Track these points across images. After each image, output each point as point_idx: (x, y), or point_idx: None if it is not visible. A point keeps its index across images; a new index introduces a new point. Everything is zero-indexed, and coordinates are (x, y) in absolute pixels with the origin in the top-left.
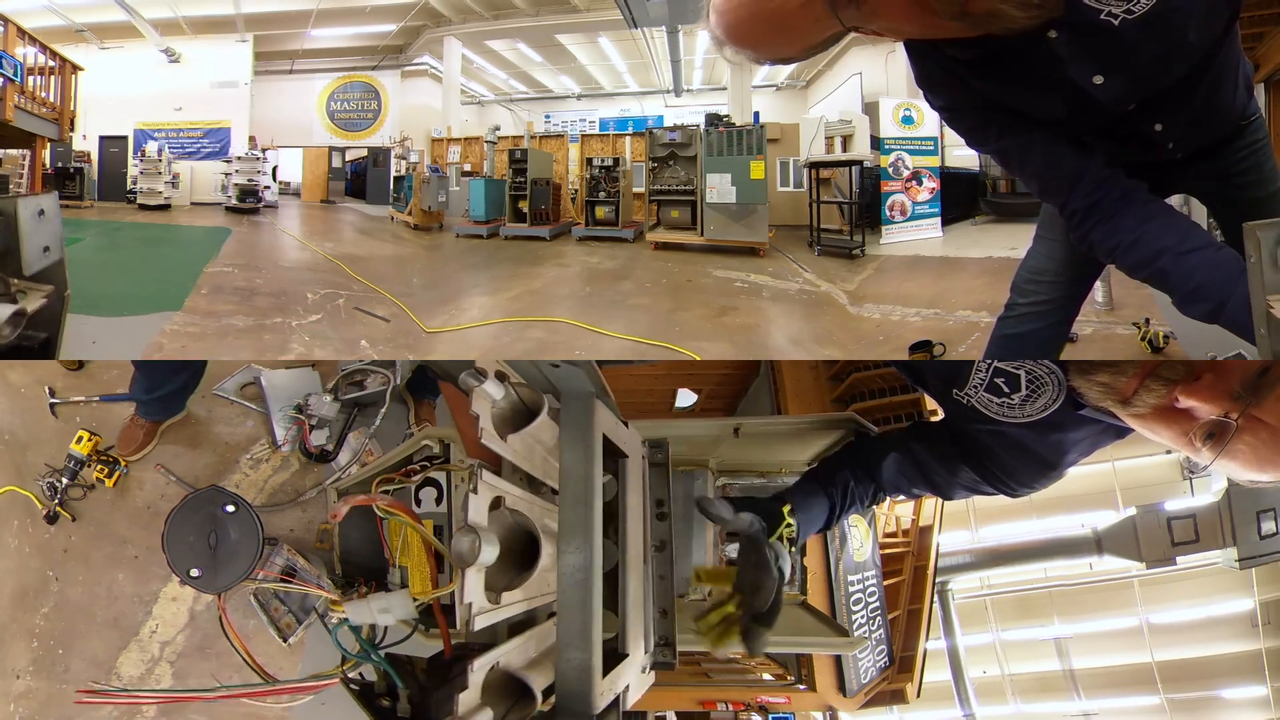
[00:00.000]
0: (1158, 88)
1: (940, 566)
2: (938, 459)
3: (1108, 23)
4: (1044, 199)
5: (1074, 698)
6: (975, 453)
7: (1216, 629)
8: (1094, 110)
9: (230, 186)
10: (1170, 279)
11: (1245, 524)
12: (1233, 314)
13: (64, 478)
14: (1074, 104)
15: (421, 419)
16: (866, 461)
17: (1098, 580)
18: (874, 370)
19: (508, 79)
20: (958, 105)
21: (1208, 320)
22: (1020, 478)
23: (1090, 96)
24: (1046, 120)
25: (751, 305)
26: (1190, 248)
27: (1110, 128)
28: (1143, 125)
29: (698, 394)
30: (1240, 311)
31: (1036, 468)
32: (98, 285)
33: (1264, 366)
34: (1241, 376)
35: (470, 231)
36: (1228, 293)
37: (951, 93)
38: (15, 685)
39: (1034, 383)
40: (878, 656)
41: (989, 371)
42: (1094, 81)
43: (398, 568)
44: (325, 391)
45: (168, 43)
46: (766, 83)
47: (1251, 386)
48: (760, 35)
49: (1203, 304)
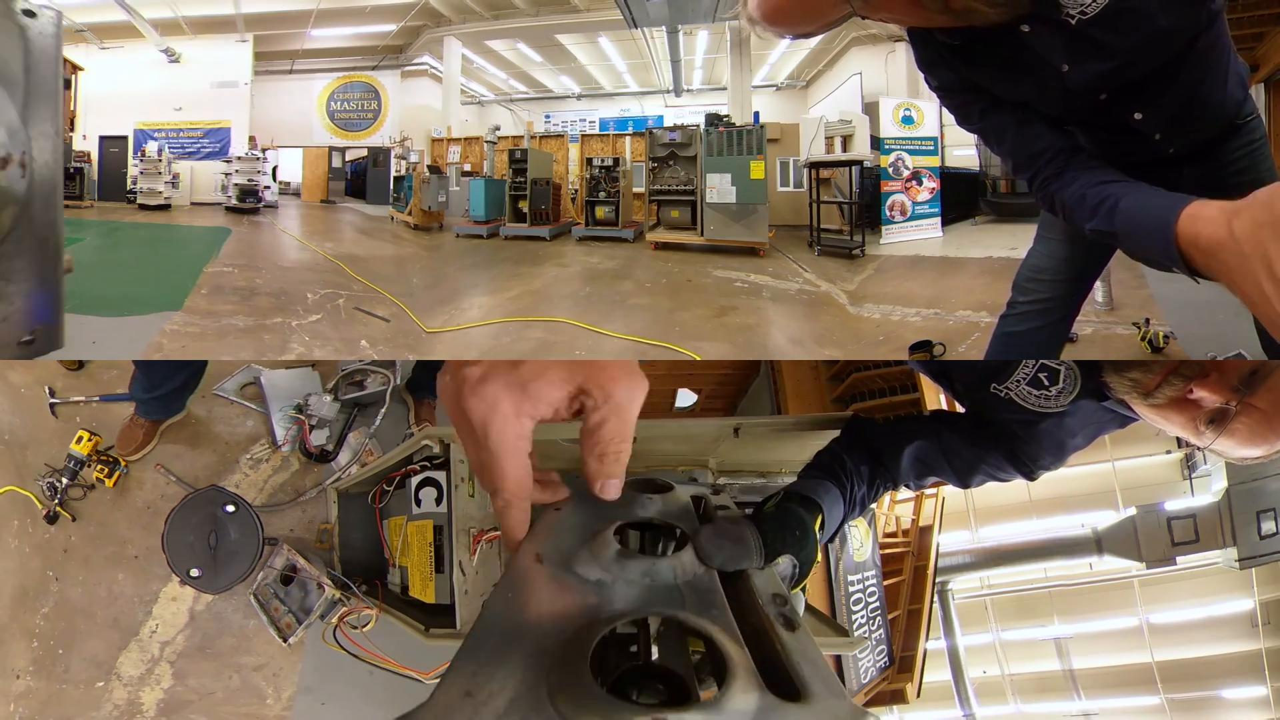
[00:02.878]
0: (1126, 78)
1: (940, 566)
2: (969, 444)
3: (1066, 21)
4: (1017, 174)
5: (1074, 698)
6: (1007, 439)
7: (1216, 629)
8: (1071, 97)
9: (230, 186)
10: (1086, 199)
11: (1245, 524)
12: (1125, 201)
13: (64, 478)
14: (1050, 90)
15: (421, 419)
16: (881, 450)
17: (1098, 580)
18: (874, 370)
19: (508, 79)
20: (949, 86)
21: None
22: (1043, 461)
23: (1064, 84)
24: (1025, 104)
25: (751, 305)
26: (1103, 183)
27: (1092, 117)
28: (1121, 114)
29: (698, 394)
30: (1128, 202)
31: (1056, 451)
32: (98, 285)
33: (1255, 367)
34: (1238, 374)
35: (470, 231)
36: (1122, 193)
37: (943, 74)
38: (15, 685)
39: (1068, 378)
40: (878, 656)
41: (1034, 368)
42: (1062, 69)
43: (398, 568)
44: (325, 391)
45: (168, 43)
46: (766, 83)
47: (1246, 381)
48: (791, 17)
49: (1102, 209)
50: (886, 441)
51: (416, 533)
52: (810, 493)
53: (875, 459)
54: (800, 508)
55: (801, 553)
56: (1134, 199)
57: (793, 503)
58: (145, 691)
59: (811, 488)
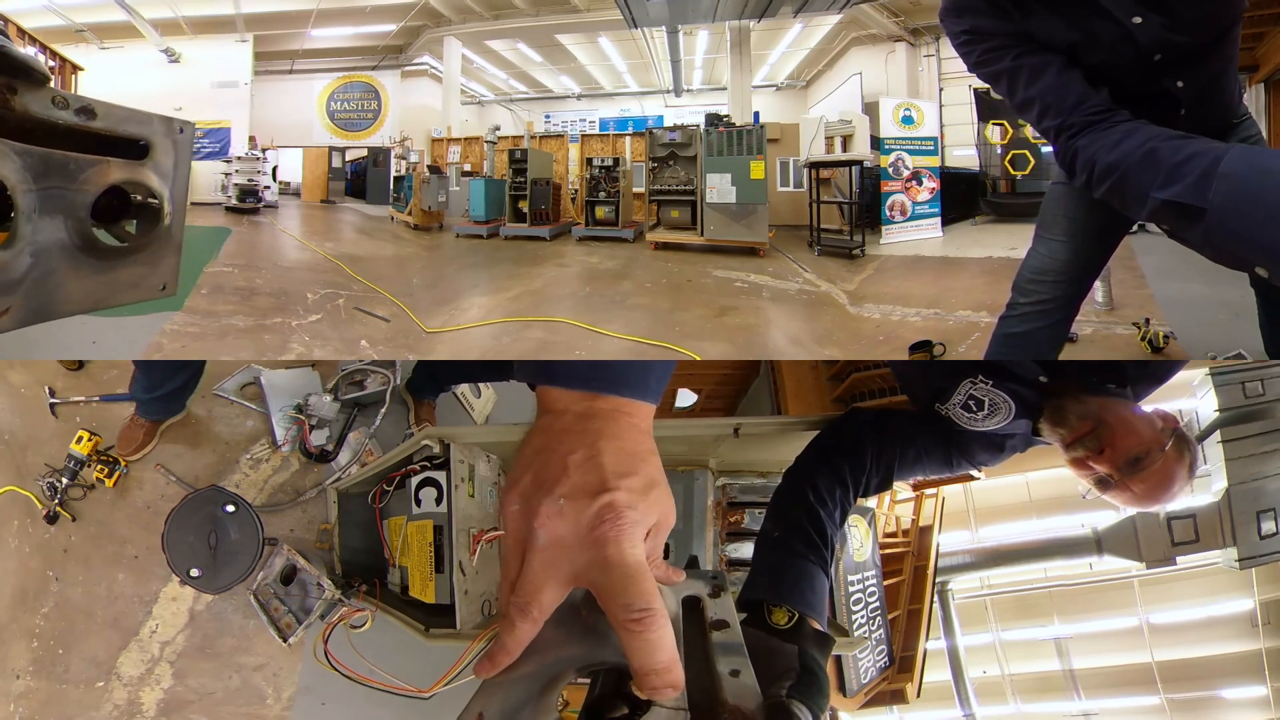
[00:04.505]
0: (1185, 42)
1: (940, 566)
2: (924, 442)
3: None
4: (1040, 120)
5: (1074, 698)
6: (960, 442)
7: (1216, 629)
8: (1124, 50)
9: (230, 186)
10: (1159, 155)
11: (1245, 524)
12: (1231, 163)
13: (64, 478)
14: (1101, 41)
15: (421, 419)
16: (846, 472)
17: (1098, 580)
18: (874, 370)
19: (508, 79)
20: (983, 30)
21: (1195, 191)
22: (982, 461)
23: (1123, 38)
24: (1064, 52)
25: (751, 305)
26: (1183, 138)
27: (1134, 77)
28: (1165, 80)
29: (698, 394)
30: (1238, 164)
31: (992, 453)
32: None
33: (1142, 453)
34: (1127, 457)
35: (470, 231)
36: (1222, 152)
37: (980, 18)
38: (15, 685)
39: (993, 408)
40: (878, 656)
41: (965, 395)
42: (1133, 21)
43: (398, 568)
44: (325, 391)
45: (168, 43)
46: (766, 83)
47: (1132, 464)
48: None
49: (1193, 171)
50: (851, 460)
51: (416, 533)
52: (816, 613)
53: (842, 482)
54: (817, 652)
55: (820, 700)
56: (1245, 159)
57: (810, 647)
58: (145, 691)
59: (811, 599)
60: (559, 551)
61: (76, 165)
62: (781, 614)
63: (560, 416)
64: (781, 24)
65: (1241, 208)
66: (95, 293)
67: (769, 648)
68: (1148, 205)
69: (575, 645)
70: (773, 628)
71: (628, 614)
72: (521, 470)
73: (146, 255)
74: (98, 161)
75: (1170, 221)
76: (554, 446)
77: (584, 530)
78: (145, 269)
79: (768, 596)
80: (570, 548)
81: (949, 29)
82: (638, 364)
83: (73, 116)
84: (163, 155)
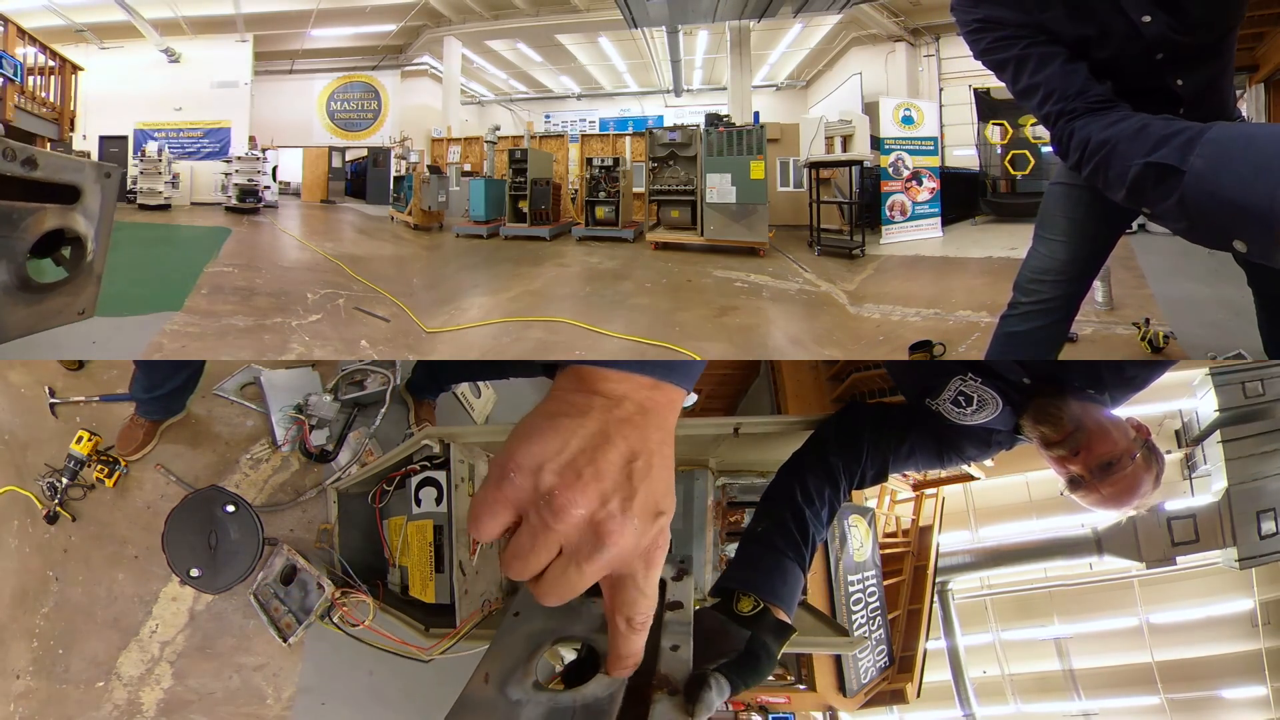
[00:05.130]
0: (1187, 44)
1: (940, 566)
2: (924, 440)
3: None
4: (1041, 105)
5: (1074, 698)
6: (950, 437)
7: (1216, 629)
8: (1131, 47)
9: (230, 186)
10: (1150, 128)
11: (1245, 524)
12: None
13: (64, 478)
14: (1112, 37)
15: (421, 419)
16: (838, 467)
17: (1098, 580)
18: (874, 370)
19: (508, 79)
20: (996, 18)
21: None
22: (971, 456)
23: (1130, 35)
24: (1073, 44)
25: (751, 305)
26: (1179, 120)
27: (1136, 74)
28: (1166, 77)
29: (698, 394)
30: (1223, 131)
31: (980, 449)
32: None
33: (1115, 459)
34: (1100, 461)
35: (470, 231)
36: (1211, 125)
37: (996, 8)
38: (15, 685)
39: (980, 403)
40: (878, 656)
41: (954, 390)
42: (1143, 19)
43: (398, 567)
44: (325, 391)
45: (168, 43)
46: (766, 83)
47: (1104, 468)
48: None
49: (1180, 138)
50: (846, 455)
51: (416, 532)
52: (783, 604)
53: (833, 480)
54: (771, 639)
55: (750, 678)
56: (1231, 128)
57: (765, 634)
58: (145, 691)
59: (781, 590)
60: (621, 562)
61: (19, 214)
62: (747, 602)
63: (620, 404)
64: (781, 24)
65: (1220, 167)
66: (27, 321)
67: (722, 630)
68: (1130, 174)
69: (556, 619)
70: (735, 614)
71: (632, 619)
72: (561, 443)
73: (70, 286)
74: (35, 209)
75: (1149, 191)
76: (614, 440)
77: (641, 549)
78: (69, 298)
79: (738, 585)
80: (624, 559)
81: (961, 19)
82: (682, 360)
83: (19, 168)
84: (90, 199)
